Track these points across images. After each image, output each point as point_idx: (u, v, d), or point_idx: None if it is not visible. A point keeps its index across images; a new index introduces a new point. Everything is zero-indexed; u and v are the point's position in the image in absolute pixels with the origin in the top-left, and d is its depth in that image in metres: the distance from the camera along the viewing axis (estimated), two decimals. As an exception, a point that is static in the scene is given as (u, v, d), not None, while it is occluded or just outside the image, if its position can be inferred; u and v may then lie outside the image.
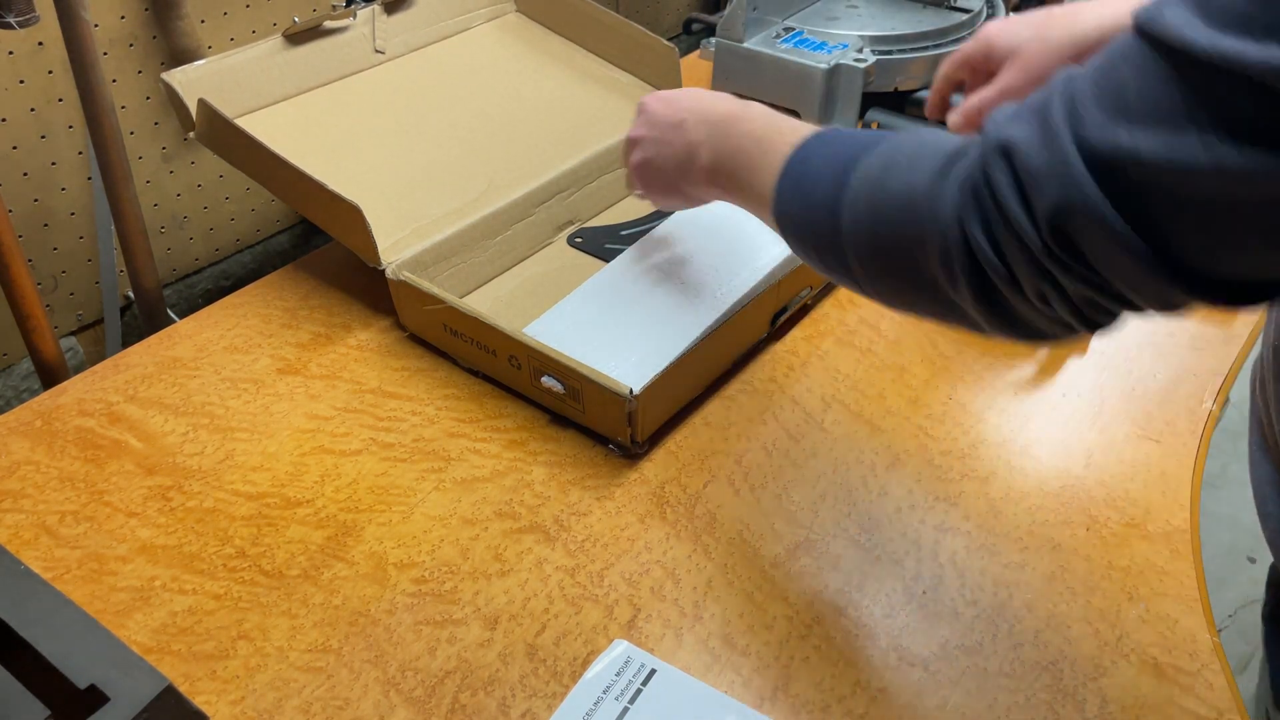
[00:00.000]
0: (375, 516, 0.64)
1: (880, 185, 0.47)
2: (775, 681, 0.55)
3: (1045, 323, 0.43)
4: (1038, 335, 0.44)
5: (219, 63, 0.82)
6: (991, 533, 0.64)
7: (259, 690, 0.54)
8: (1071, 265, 0.38)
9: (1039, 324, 0.43)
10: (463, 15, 1.01)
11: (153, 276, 1.05)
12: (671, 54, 1.00)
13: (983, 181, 0.40)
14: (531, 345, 0.68)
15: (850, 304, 0.84)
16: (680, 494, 0.66)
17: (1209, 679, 0.55)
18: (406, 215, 0.81)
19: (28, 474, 0.67)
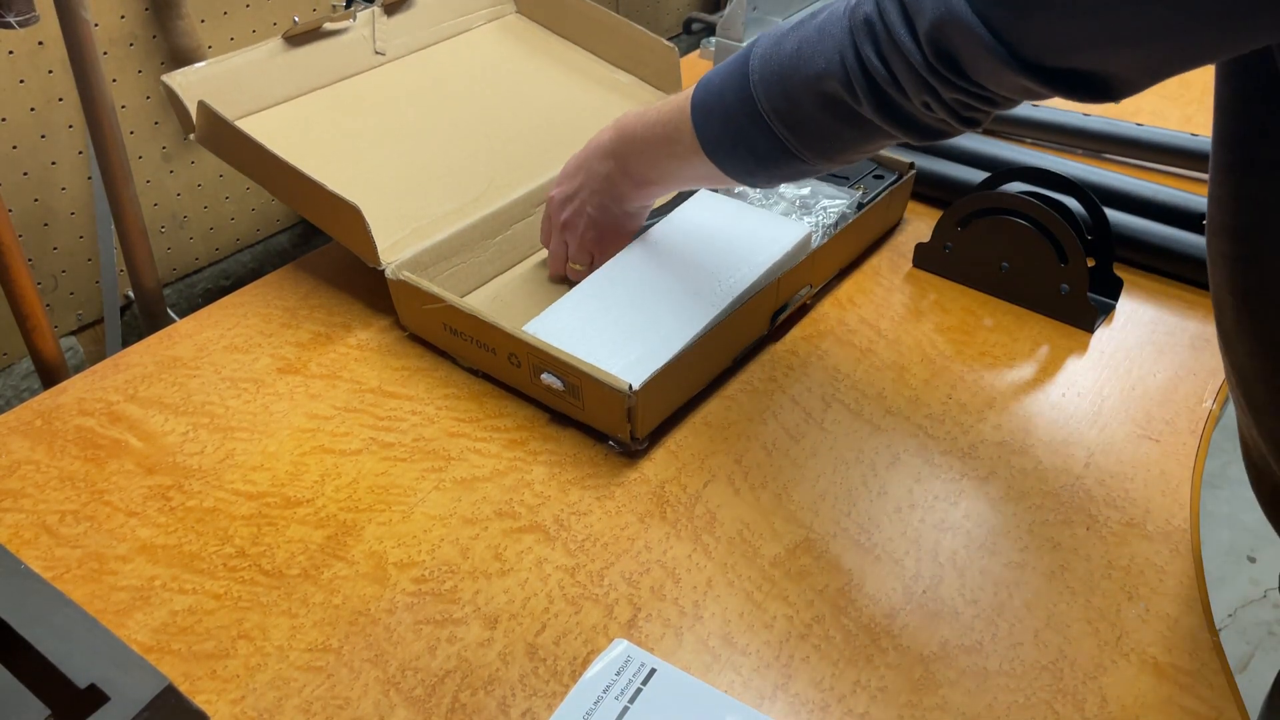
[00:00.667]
0: (375, 516, 0.64)
1: (778, 51, 0.57)
2: (775, 681, 0.55)
3: (934, 121, 0.53)
4: (931, 133, 0.55)
5: (219, 65, 0.82)
6: (991, 532, 0.64)
7: (259, 690, 0.54)
8: (947, 76, 0.49)
9: (930, 123, 0.54)
10: (463, 16, 1.01)
11: (153, 276, 1.05)
12: (671, 54, 1.00)
13: (876, 14, 0.50)
14: (531, 342, 0.68)
15: (850, 304, 0.84)
16: (680, 494, 0.66)
17: (1209, 679, 0.55)
18: (406, 215, 0.81)
19: (28, 474, 0.67)
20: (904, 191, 0.91)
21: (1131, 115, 1.11)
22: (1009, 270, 0.82)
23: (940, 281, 0.87)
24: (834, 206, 0.87)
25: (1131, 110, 1.14)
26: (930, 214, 0.93)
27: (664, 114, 0.66)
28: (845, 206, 0.87)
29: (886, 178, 0.90)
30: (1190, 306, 0.84)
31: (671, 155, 0.67)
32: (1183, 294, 0.86)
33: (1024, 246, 0.80)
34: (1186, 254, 0.85)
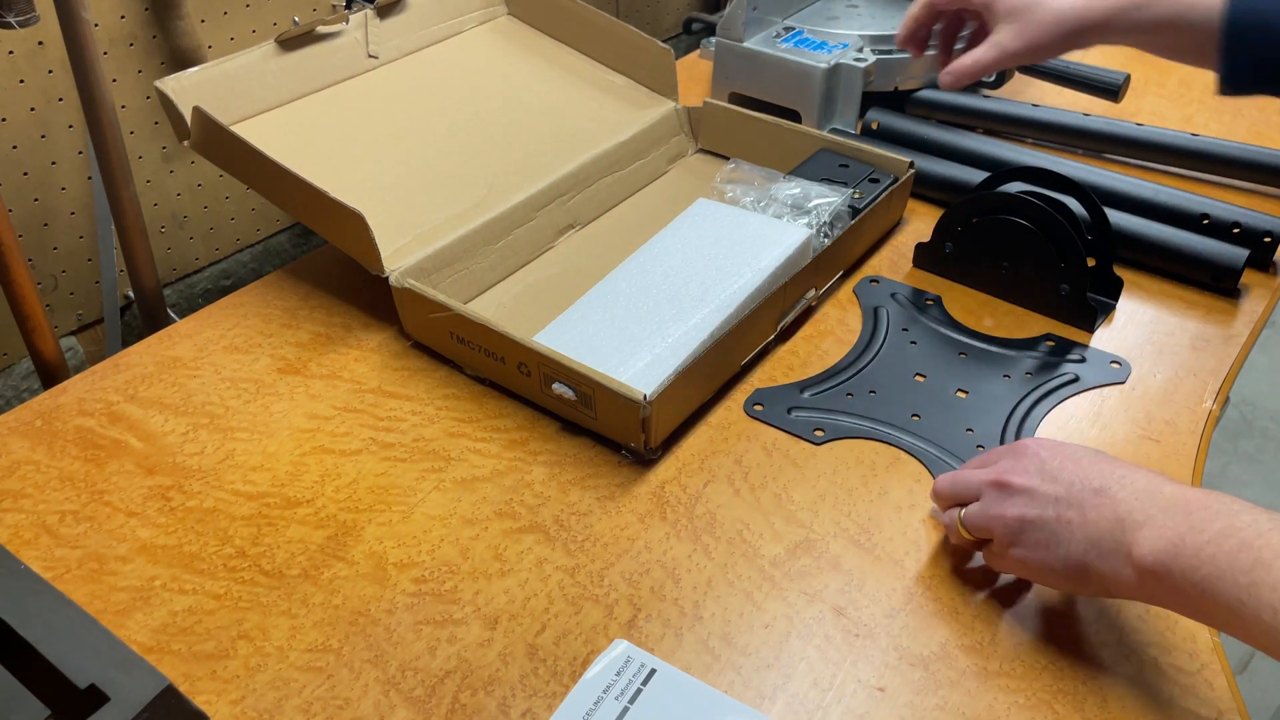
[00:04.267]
0: (375, 516, 0.64)
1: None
2: (775, 681, 0.55)
3: None
4: None
5: (212, 69, 0.82)
6: (991, 533, 0.64)
7: (259, 690, 0.54)
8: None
9: None
10: (455, 19, 1.00)
11: (153, 276, 1.05)
12: (667, 56, 1.00)
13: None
14: (542, 352, 0.67)
15: (851, 304, 0.84)
16: (680, 494, 0.66)
17: (1209, 679, 0.55)
18: (407, 222, 0.81)
19: (28, 474, 0.67)
20: (904, 191, 0.91)
21: (1131, 115, 1.11)
22: (1009, 270, 0.82)
23: (940, 281, 0.86)
24: (827, 205, 0.87)
25: (1132, 110, 1.14)
26: (930, 214, 0.93)
27: (1266, 555, 0.45)
28: (839, 205, 0.87)
29: (882, 180, 0.90)
30: (1190, 306, 0.84)
31: (1241, 617, 0.45)
32: (1183, 294, 0.86)
33: (1024, 246, 0.80)
34: (1186, 254, 0.85)
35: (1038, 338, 0.80)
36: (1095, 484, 0.52)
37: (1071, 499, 0.52)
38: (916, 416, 0.72)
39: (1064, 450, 0.55)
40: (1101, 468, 0.52)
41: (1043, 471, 0.54)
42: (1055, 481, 0.53)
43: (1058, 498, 0.53)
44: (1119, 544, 0.49)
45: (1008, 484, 0.55)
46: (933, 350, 0.79)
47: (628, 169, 0.96)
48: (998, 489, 0.55)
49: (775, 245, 0.81)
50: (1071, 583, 0.53)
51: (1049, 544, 0.52)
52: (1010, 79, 1.13)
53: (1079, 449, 0.55)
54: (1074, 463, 0.53)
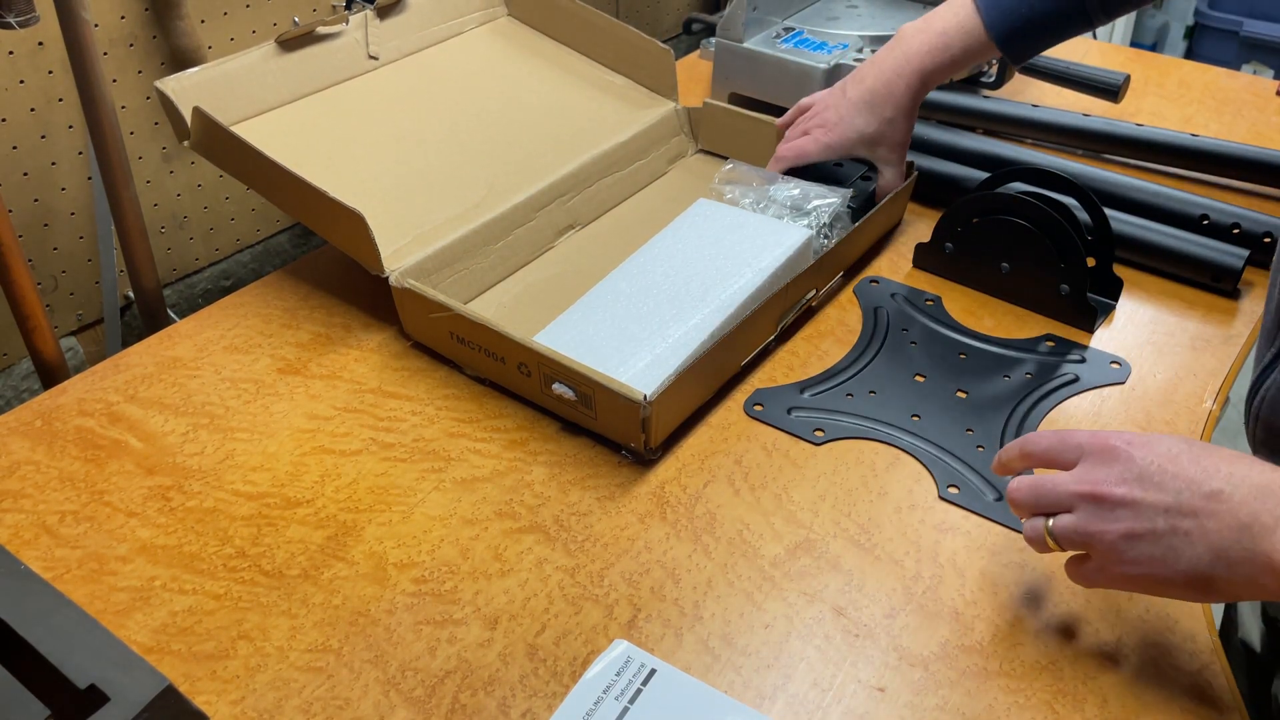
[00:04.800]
0: (375, 516, 0.64)
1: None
2: (775, 681, 0.55)
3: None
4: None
5: (212, 70, 0.82)
6: (991, 533, 0.64)
7: (259, 690, 0.54)
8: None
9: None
10: (455, 20, 1.00)
11: (153, 276, 1.05)
12: (666, 56, 1.00)
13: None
14: (542, 352, 0.67)
15: (851, 305, 0.84)
16: (680, 494, 0.66)
17: (1209, 679, 0.55)
18: (407, 222, 0.81)
19: (28, 474, 0.67)
20: (904, 191, 0.91)
21: (1131, 115, 1.11)
22: (1009, 271, 0.82)
23: (940, 281, 0.86)
24: (826, 206, 0.87)
25: (1131, 110, 1.14)
26: (930, 214, 0.93)
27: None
28: (838, 205, 0.87)
29: (873, 179, 0.90)
30: (1190, 306, 0.84)
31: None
32: (1183, 294, 0.86)
33: (1024, 247, 0.80)
34: (1186, 254, 0.85)
35: (1038, 338, 0.80)
36: (1206, 488, 0.47)
37: (1183, 508, 0.47)
38: (916, 416, 0.72)
39: (1156, 447, 0.49)
40: (1205, 465, 0.47)
41: (1143, 478, 0.48)
42: (1160, 489, 0.48)
43: (1167, 508, 0.48)
44: (1251, 552, 0.45)
45: (1105, 497, 0.49)
46: (933, 350, 0.79)
47: (628, 169, 0.96)
48: (1093, 502, 0.50)
49: (775, 246, 0.81)
50: (1194, 593, 0.48)
51: (1164, 559, 0.48)
52: (1010, 79, 1.13)
53: (1168, 442, 0.49)
54: (1173, 462, 0.48)
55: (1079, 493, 0.50)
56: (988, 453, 0.69)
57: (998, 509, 0.65)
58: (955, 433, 0.71)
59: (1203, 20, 2.74)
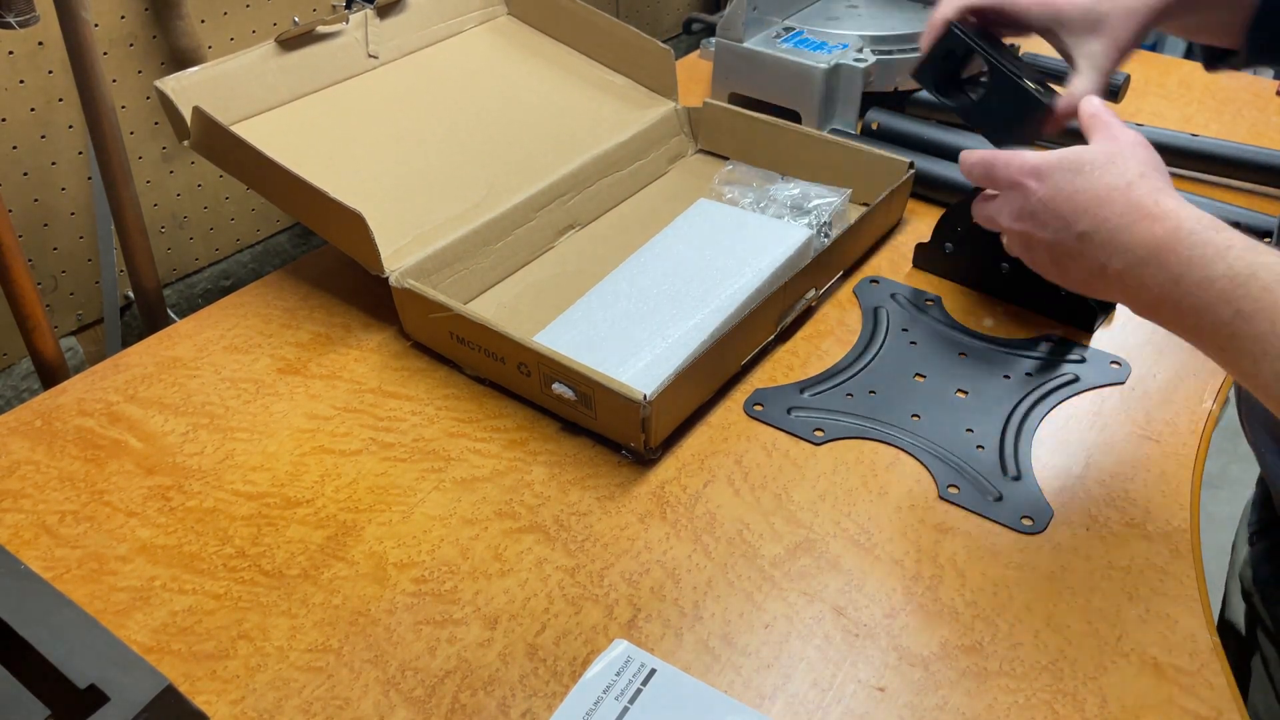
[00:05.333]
0: (375, 516, 0.64)
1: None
2: (775, 681, 0.55)
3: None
4: None
5: (212, 69, 0.82)
6: (991, 533, 0.64)
7: (259, 690, 0.54)
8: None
9: None
10: (455, 19, 1.00)
11: (153, 276, 1.05)
12: (666, 56, 1.00)
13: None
14: (542, 352, 0.67)
15: (850, 304, 0.84)
16: (680, 494, 0.66)
17: (1209, 679, 0.55)
18: (407, 222, 0.81)
19: (28, 474, 0.67)
20: (904, 191, 0.91)
21: (1131, 115, 1.11)
22: (1009, 270, 0.82)
23: (940, 281, 0.87)
24: (826, 205, 0.87)
25: (1131, 110, 1.14)
26: (930, 214, 0.93)
27: (1232, 301, 0.48)
28: (839, 205, 0.87)
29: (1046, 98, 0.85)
30: (1190, 307, 0.84)
31: (1205, 342, 0.51)
32: (1183, 294, 0.85)
33: None
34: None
35: (1038, 338, 0.80)
36: (1076, 229, 0.54)
37: (1060, 245, 0.56)
38: (916, 416, 0.72)
39: (1051, 182, 0.56)
40: (1079, 205, 0.54)
41: (1033, 214, 0.57)
42: (1043, 226, 0.56)
43: (1048, 244, 0.56)
44: (1108, 289, 0.55)
45: (1004, 228, 0.59)
46: (933, 350, 0.79)
47: (628, 169, 0.96)
48: (999, 227, 0.60)
49: (775, 245, 0.81)
50: (1088, 292, 0.57)
51: (1056, 272, 0.57)
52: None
53: (1067, 178, 0.55)
54: (1056, 201, 0.55)
55: (989, 216, 0.61)
56: (988, 453, 0.69)
57: (998, 509, 0.65)
58: (955, 433, 0.71)
59: (1203, 20, 2.73)
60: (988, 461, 0.69)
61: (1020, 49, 1.11)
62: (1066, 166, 0.56)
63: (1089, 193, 0.54)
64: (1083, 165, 0.55)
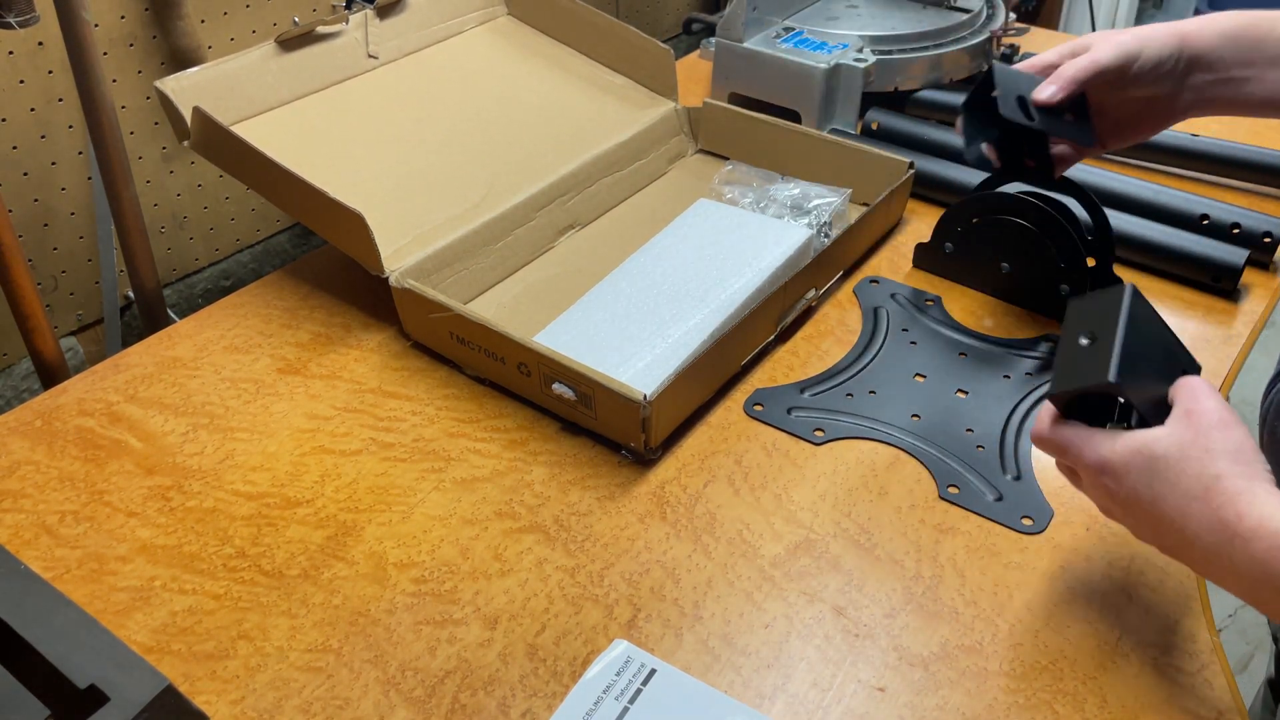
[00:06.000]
0: (375, 516, 0.64)
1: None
2: (775, 681, 0.55)
3: None
4: None
5: (212, 69, 0.82)
6: (991, 533, 0.64)
7: (259, 690, 0.54)
8: None
9: None
10: (454, 19, 1.00)
11: (153, 276, 1.05)
12: (666, 56, 1.00)
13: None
14: (542, 352, 0.67)
15: (850, 304, 0.84)
16: (680, 494, 0.66)
17: (1209, 679, 0.55)
18: (407, 222, 0.81)
19: (28, 474, 0.67)
20: (904, 191, 0.91)
21: (1131, 115, 1.11)
22: (1009, 270, 0.82)
23: (940, 281, 0.86)
24: (826, 205, 0.87)
25: (1131, 110, 1.14)
26: (930, 214, 0.93)
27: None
28: (839, 205, 0.87)
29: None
30: (1190, 306, 0.84)
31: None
32: (1183, 294, 0.86)
33: (1024, 247, 0.80)
34: (1186, 254, 0.85)
35: (1038, 338, 0.80)
36: (1167, 542, 0.51)
37: (1153, 535, 0.51)
38: (916, 416, 0.72)
39: (1127, 481, 0.51)
40: (1170, 522, 0.49)
41: (1121, 506, 0.52)
42: (1133, 521, 0.52)
43: (1140, 531, 0.53)
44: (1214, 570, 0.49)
45: (1102, 509, 0.54)
46: (933, 350, 0.79)
47: (628, 169, 0.96)
48: (1093, 493, 0.54)
49: (775, 245, 0.81)
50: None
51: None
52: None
53: (1139, 479, 0.50)
54: (1140, 498, 0.50)
55: (1087, 482, 0.54)
56: (988, 453, 0.69)
57: (998, 509, 0.65)
58: (955, 433, 0.71)
59: (1203, 20, 2.73)
60: (988, 461, 0.69)
61: (1020, 49, 1.11)
62: (1139, 467, 0.50)
63: (1170, 504, 0.49)
64: (1155, 464, 0.49)
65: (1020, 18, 1.89)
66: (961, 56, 1.10)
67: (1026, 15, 2.47)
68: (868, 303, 0.84)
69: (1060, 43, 0.74)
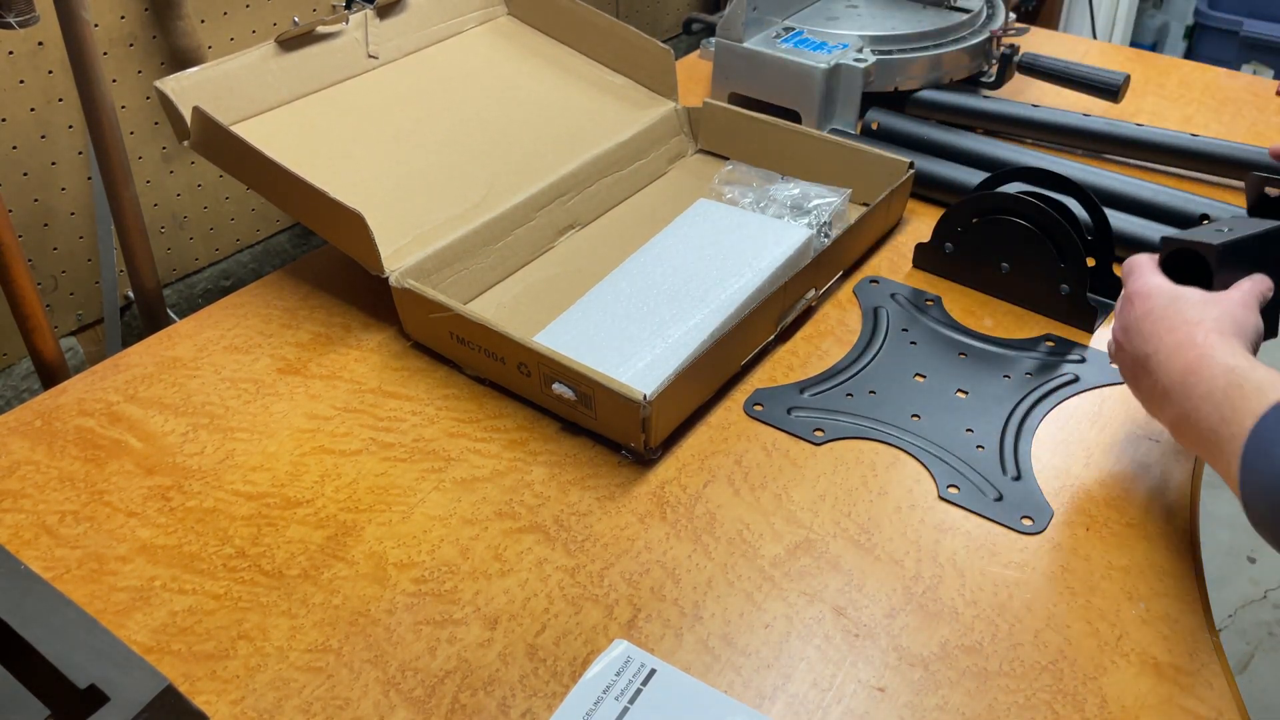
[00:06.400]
0: (375, 516, 0.64)
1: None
2: (775, 681, 0.55)
3: None
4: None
5: (212, 69, 0.82)
6: (991, 533, 0.64)
7: (259, 690, 0.54)
8: None
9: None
10: (454, 19, 1.00)
11: (153, 276, 1.05)
12: (666, 56, 1.00)
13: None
14: (542, 352, 0.67)
15: (850, 304, 0.84)
16: (680, 494, 0.66)
17: (1209, 679, 0.55)
18: (407, 222, 0.81)
19: (28, 474, 0.67)
20: (904, 191, 0.91)
21: (1131, 115, 1.11)
22: (1009, 270, 0.82)
23: (940, 281, 0.86)
24: (826, 205, 0.87)
25: (1132, 110, 1.14)
26: (930, 214, 0.93)
27: (1227, 409, 0.53)
28: (839, 205, 0.87)
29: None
30: (1190, 307, 0.84)
31: (1212, 457, 0.55)
32: (1183, 294, 0.85)
33: (1024, 247, 0.80)
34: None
35: (1038, 338, 0.80)
36: (1143, 351, 0.60)
37: (1135, 361, 0.61)
38: (916, 416, 0.72)
39: (1140, 305, 0.62)
40: (1148, 331, 0.60)
41: (1126, 329, 0.63)
42: (1130, 342, 0.62)
43: (1130, 360, 0.62)
44: (1156, 409, 0.61)
45: (1112, 336, 0.65)
46: (933, 350, 0.79)
47: (628, 169, 0.96)
48: (1118, 319, 0.65)
49: (775, 245, 0.81)
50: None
51: (1133, 384, 0.63)
52: (1010, 79, 1.13)
53: (1151, 302, 0.61)
54: (1140, 321, 0.61)
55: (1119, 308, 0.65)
56: (988, 453, 0.69)
57: (998, 509, 0.65)
58: (955, 433, 0.71)
59: (1203, 20, 2.74)
60: (988, 461, 0.69)
61: (1020, 49, 1.11)
62: (1168, 294, 0.61)
63: (1167, 320, 0.59)
64: (1180, 296, 0.60)
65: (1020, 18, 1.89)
66: (961, 56, 1.10)
67: (1026, 15, 2.47)
68: (868, 303, 0.84)
69: (1059, 41, 0.74)
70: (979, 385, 0.75)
